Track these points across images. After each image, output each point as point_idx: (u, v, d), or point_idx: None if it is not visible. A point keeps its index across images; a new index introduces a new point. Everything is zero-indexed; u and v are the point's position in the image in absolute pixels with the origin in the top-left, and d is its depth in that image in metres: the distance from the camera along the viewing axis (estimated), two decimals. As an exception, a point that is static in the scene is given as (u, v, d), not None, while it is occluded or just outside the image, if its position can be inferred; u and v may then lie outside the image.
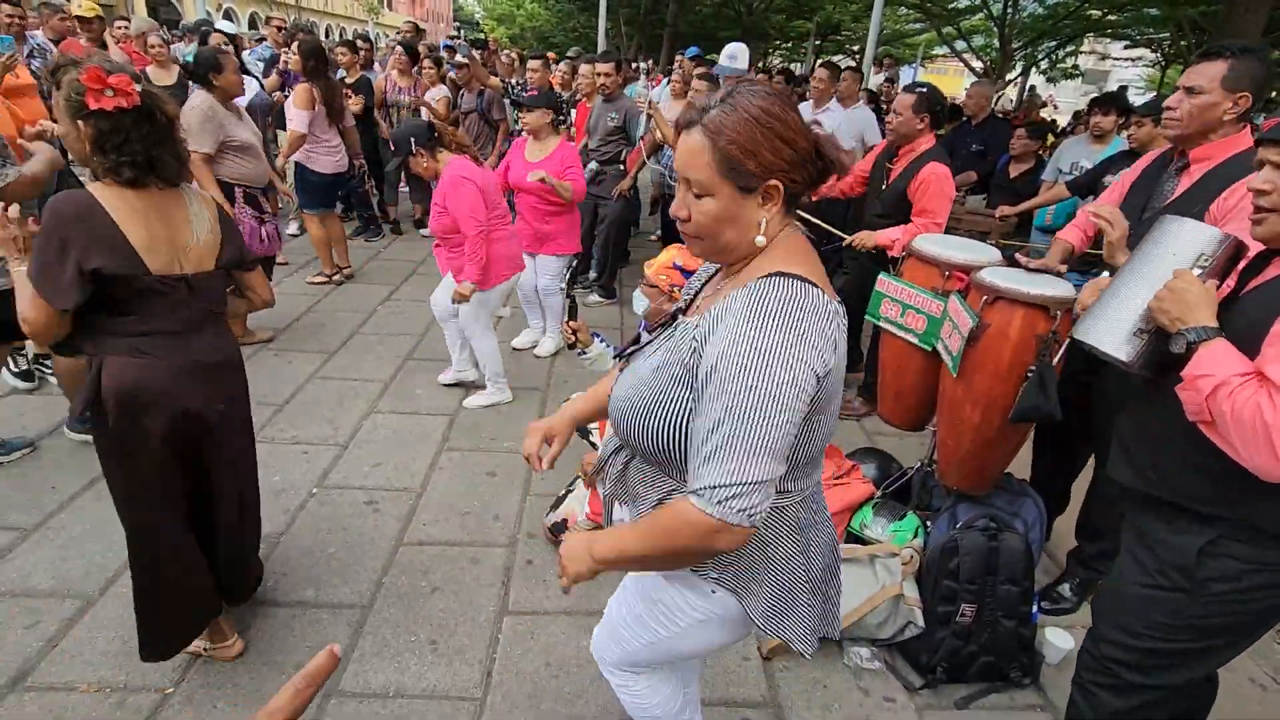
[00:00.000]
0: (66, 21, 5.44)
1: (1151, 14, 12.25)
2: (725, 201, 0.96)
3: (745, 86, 0.96)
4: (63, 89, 1.49)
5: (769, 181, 0.95)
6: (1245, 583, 1.32)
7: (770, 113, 0.93)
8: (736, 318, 0.92)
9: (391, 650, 2.05)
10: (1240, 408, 1.15)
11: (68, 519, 2.47)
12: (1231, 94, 1.85)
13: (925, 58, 21.62)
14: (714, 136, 0.93)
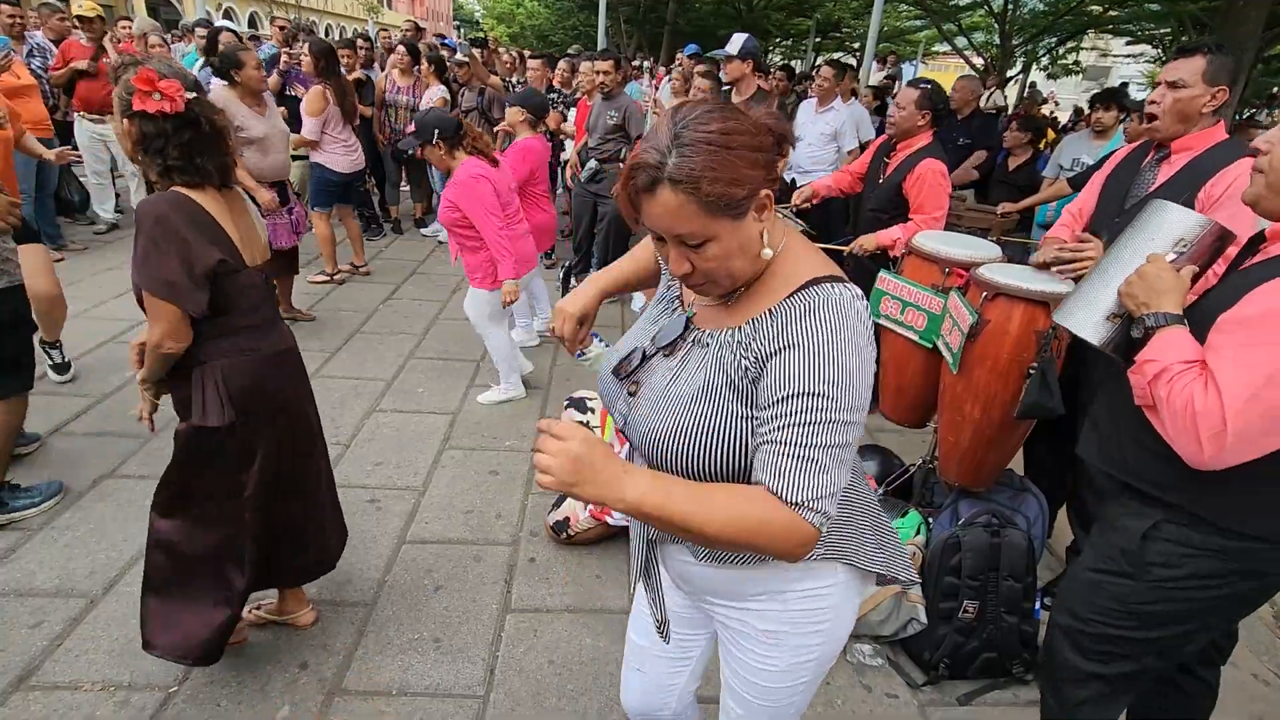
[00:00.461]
0: (66, 21, 5.44)
1: (1153, 9, 12.22)
2: (728, 238, 0.90)
3: (685, 119, 0.88)
4: (118, 87, 1.53)
5: (760, 193, 0.90)
6: (1186, 569, 1.32)
7: (728, 130, 0.86)
8: (799, 338, 0.90)
9: (395, 648, 2.05)
10: (1175, 394, 1.17)
11: (72, 519, 2.47)
12: (1211, 87, 1.92)
13: (926, 54, 21.58)
14: (692, 187, 0.85)
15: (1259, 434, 1.12)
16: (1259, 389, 1.09)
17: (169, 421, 1.80)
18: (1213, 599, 1.34)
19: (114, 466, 2.78)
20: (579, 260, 5.41)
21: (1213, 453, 1.14)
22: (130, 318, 4.16)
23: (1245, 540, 1.27)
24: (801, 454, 0.88)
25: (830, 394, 0.88)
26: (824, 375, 0.88)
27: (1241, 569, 1.30)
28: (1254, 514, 1.26)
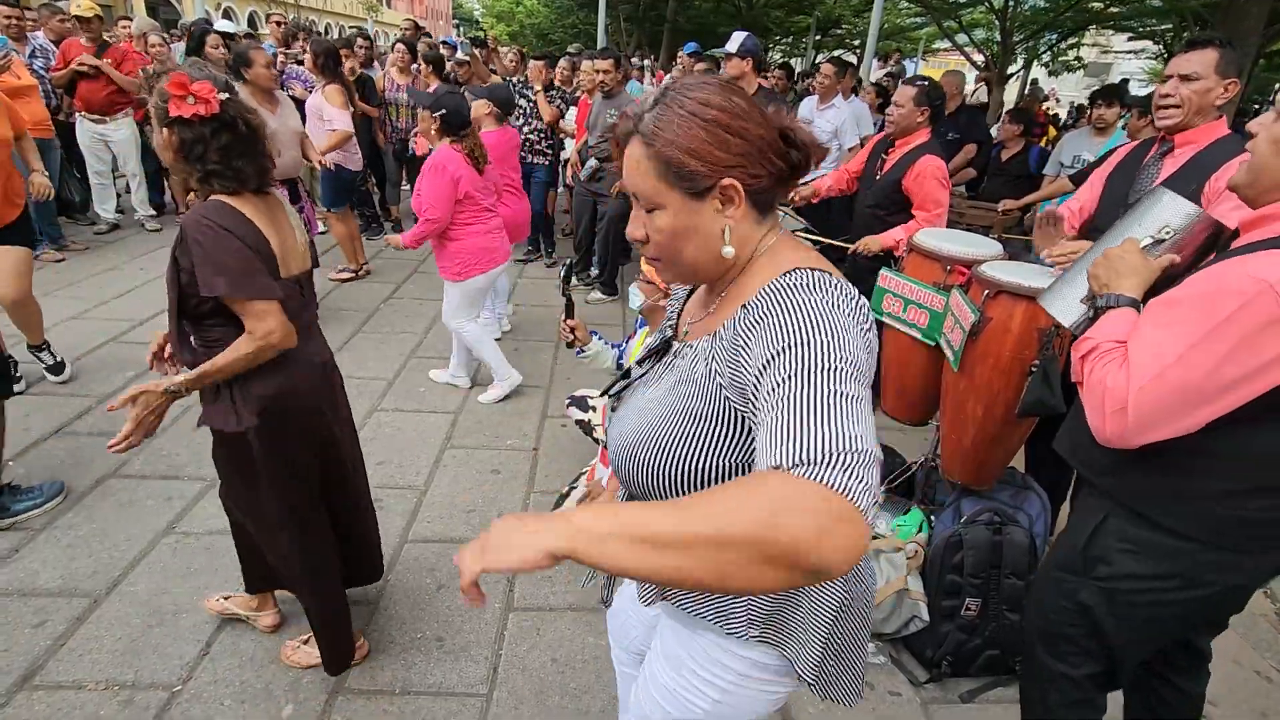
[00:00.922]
0: (66, 22, 5.44)
1: (1154, 5, 12.18)
2: (676, 211, 0.85)
3: (680, 83, 0.86)
4: (154, 97, 1.49)
5: (723, 181, 0.83)
6: (1124, 567, 1.29)
7: (709, 103, 0.82)
8: (769, 309, 0.80)
9: (398, 647, 2.06)
10: (1095, 370, 1.19)
11: (75, 518, 2.48)
12: (1223, 80, 1.92)
13: (926, 51, 21.53)
14: (649, 141, 0.83)
15: (1164, 413, 1.11)
16: (1166, 368, 1.09)
17: (169, 423, 1.79)
18: (1151, 604, 1.30)
19: (117, 466, 2.78)
20: (579, 259, 5.41)
21: (1114, 429, 1.14)
22: (131, 318, 4.16)
23: (1176, 538, 1.24)
24: (804, 406, 0.68)
25: (817, 340, 0.73)
26: (804, 325, 0.75)
27: (1176, 572, 1.25)
28: (1174, 503, 1.23)
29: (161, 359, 1.68)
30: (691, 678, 1.04)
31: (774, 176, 0.88)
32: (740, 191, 0.85)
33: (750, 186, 0.86)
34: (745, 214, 0.88)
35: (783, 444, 0.66)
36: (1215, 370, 1.06)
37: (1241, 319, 1.04)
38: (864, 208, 3.31)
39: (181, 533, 2.44)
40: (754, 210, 0.89)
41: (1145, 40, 16.46)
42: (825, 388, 0.69)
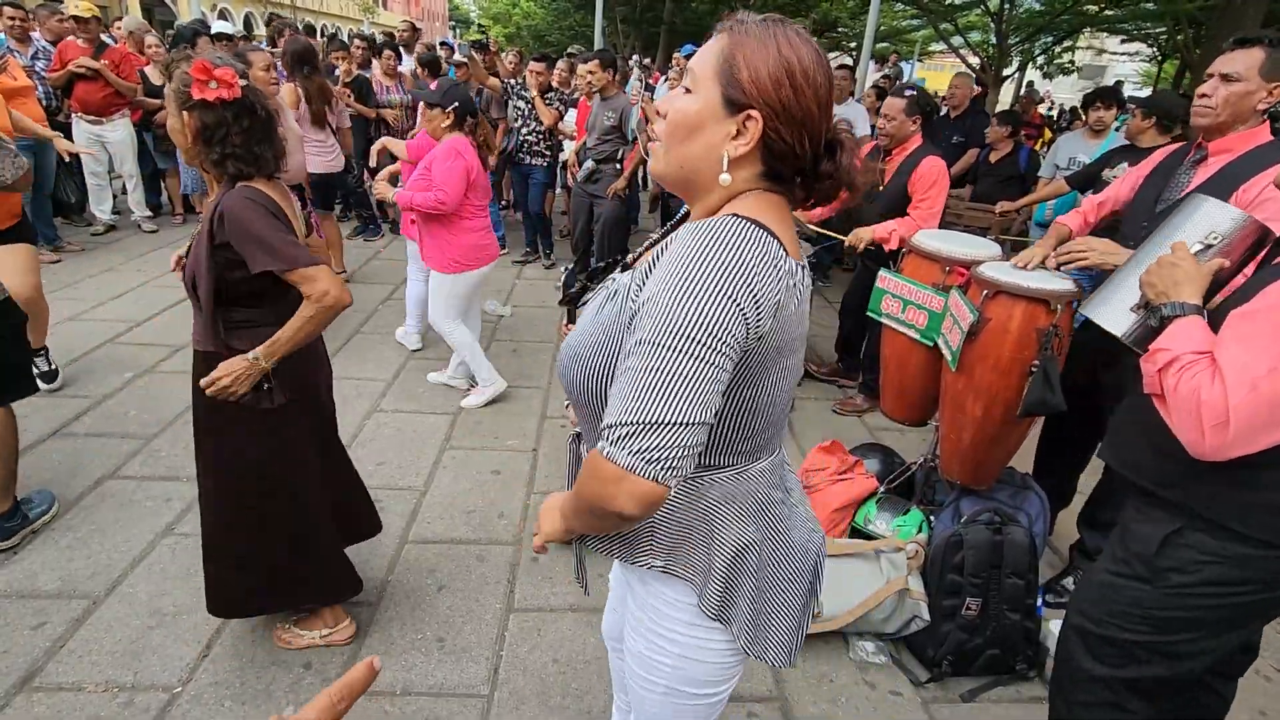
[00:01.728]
0: (64, 22, 5.43)
1: (1148, 8, 12.25)
2: (703, 103, 0.86)
3: (786, 23, 0.87)
4: (173, 82, 1.54)
5: (750, 109, 0.84)
6: (1203, 574, 1.30)
7: (795, 46, 0.84)
8: (672, 252, 0.83)
9: (399, 648, 2.05)
10: (1183, 384, 1.17)
11: (74, 520, 2.47)
12: (1268, 83, 1.81)
13: (922, 54, 21.61)
14: (732, 36, 0.86)
15: (1260, 426, 1.11)
16: (1259, 380, 1.09)
17: (167, 425, 1.79)
18: (1228, 607, 1.32)
19: (115, 467, 2.77)
20: (578, 261, 5.41)
21: (1215, 443, 1.14)
22: (129, 319, 4.15)
23: (1261, 547, 1.25)
24: (627, 376, 0.80)
25: (657, 312, 0.79)
26: (680, 281, 0.79)
27: (1257, 578, 1.28)
28: (1255, 512, 1.25)
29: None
30: (651, 636, 1.08)
31: (794, 155, 0.87)
32: (757, 131, 0.85)
33: (768, 139, 0.86)
34: (750, 160, 0.88)
35: (609, 407, 0.82)
36: None
37: None
38: (874, 216, 3.30)
39: (181, 534, 2.44)
40: (759, 167, 0.89)
41: (1139, 43, 16.56)
42: (649, 362, 0.78)
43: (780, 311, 0.85)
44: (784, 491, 1.06)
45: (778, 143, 0.86)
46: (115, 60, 5.21)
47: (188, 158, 1.65)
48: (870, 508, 2.43)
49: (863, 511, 2.44)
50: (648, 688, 1.12)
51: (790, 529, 1.06)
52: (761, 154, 0.88)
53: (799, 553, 1.06)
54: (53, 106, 5.25)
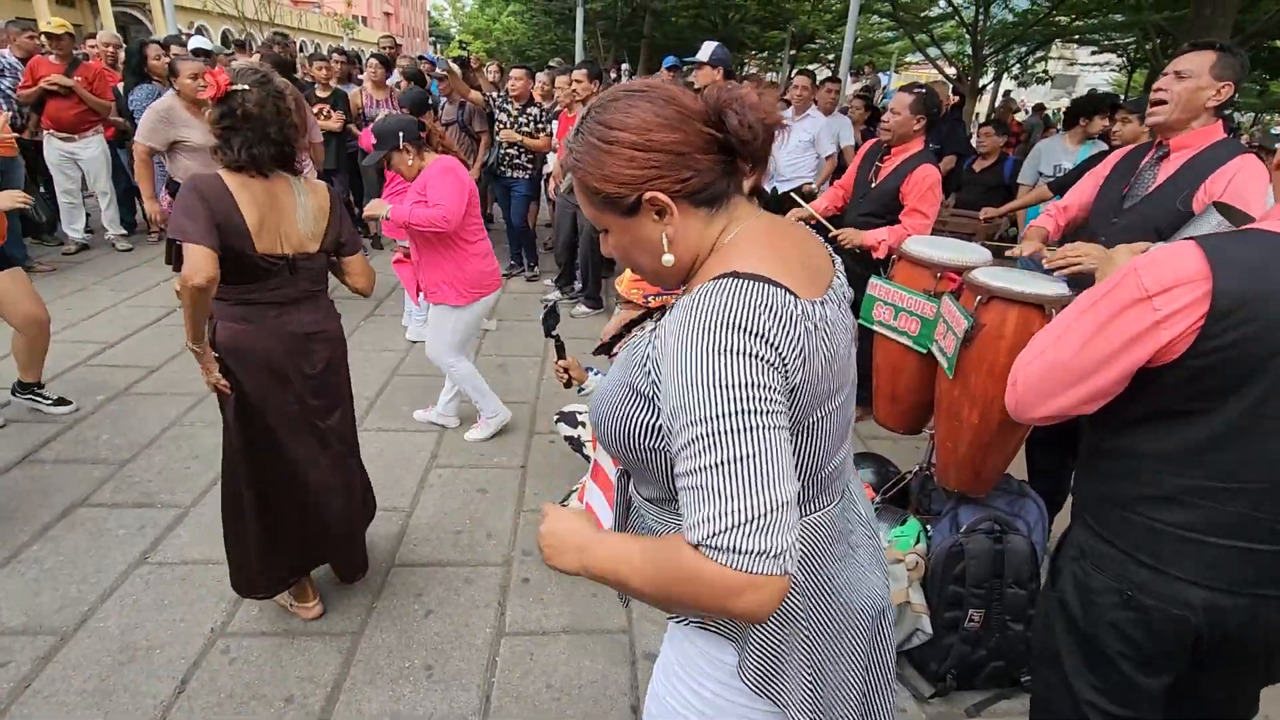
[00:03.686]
0: (35, 39, 5.33)
1: (1117, 19, 12.55)
2: (618, 230, 0.88)
3: (595, 103, 0.86)
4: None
5: (644, 194, 0.83)
6: (1069, 576, 1.21)
7: (610, 125, 0.82)
8: (675, 332, 0.79)
9: (385, 677, 1.97)
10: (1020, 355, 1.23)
11: (40, 551, 2.36)
12: (1217, 82, 1.92)
13: (899, 65, 21.95)
14: (578, 175, 0.87)
15: (1039, 388, 1.14)
16: (1047, 346, 1.13)
17: (141, 449, 1.71)
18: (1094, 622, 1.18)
19: (86, 495, 2.66)
20: (561, 273, 5.37)
21: (1010, 400, 1.21)
22: (102, 340, 4.03)
23: (1107, 545, 1.16)
24: (692, 484, 0.75)
25: (695, 400, 0.74)
26: (695, 373, 0.75)
27: (1113, 586, 1.14)
28: (1101, 506, 1.18)
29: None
30: (678, 684, 1.02)
31: (712, 171, 0.85)
32: (667, 200, 0.83)
33: (680, 191, 0.84)
34: (687, 216, 0.86)
35: (691, 519, 0.74)
36: (1081, 349, 1.08)
37: (1108, 300, 1.06)
38: (858, 215, 3.31)
39: (155, 563, 2.34)
40: (700, 208, 0.86)
41: (1109, 53, 16.95)
42: (712, 459, 0.73)
43: (809, 360, 0.79)
44: (846, 545, 0.97)
45: (687, 185, 0.84)
46: (89, 77, 5.11)
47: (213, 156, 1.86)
48: (867, 519, 2.39)
49: (860, 523, 2.39)
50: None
51: (852, 592, 0.96)
52: (690, 201, 0.86)
53: (859, 618, 0.97)
54: (17, 124, 5.14)
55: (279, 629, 2.11)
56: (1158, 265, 1.01)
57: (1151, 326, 1.00)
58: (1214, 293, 0.96)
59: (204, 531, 2.49)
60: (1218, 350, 0.98)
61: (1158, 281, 1.00)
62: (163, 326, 4.31)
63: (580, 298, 5.16)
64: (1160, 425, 1.08)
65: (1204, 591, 1.07)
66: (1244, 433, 1.01)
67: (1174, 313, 0.99)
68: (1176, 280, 0.99)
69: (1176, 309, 0.99)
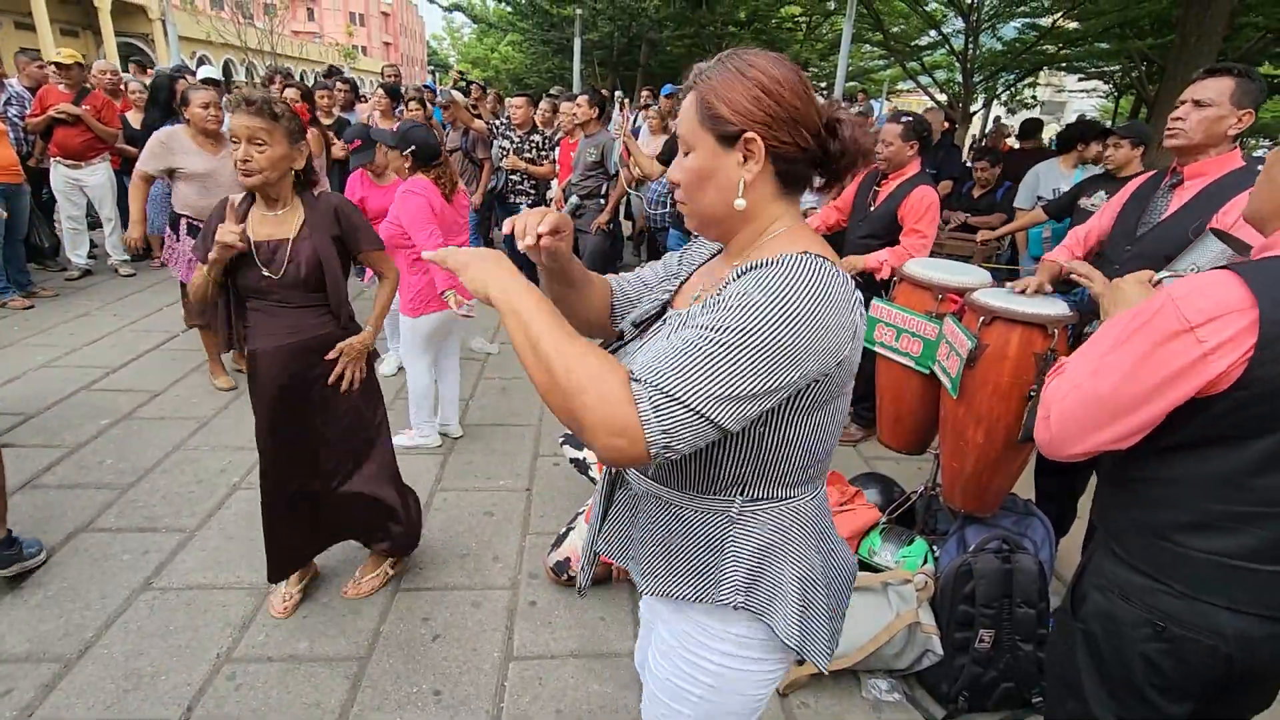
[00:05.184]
0: (44, 69, 5.41)
1: (1103, 48, 12.83)
2: (705, 154, 0.92)
3: (739, 51, 0.93)
4: None
5: (746, 133, 0.89)
6: (1098, 605, 1.19)
7: (755, 65, 0.89)
8: (759, 280, 0.84)
9: (392, 703, 1.95)
10: (1048, 383, 1.20)
11: (44, 576, 2.34)
12: (1238, 110, 1.89)
13: (890, 92, 22.32)
14: (695, 85, 0.93)
15: (1079, 424, 1.10)
16: (1083, 379, 1.10)
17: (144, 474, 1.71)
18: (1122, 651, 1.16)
19: (89, 520, 2.65)
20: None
21: (1044, 436, 1.16)
22: (104, 365, 4.04)
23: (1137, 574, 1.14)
24: (686, 347, 0.80)
25: (760, 316, 0.80)
26: (765, 299, 0.81)
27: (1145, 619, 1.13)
28: (1133, 534, 1.16)
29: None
30: (681, 663, 1.07)
31: (804, 152, 0.92)
32: (760, 149, 0.90)
33: (774, 149, 0.90)
34: (765, 177, 0.93)
35: (648, 359, 0.81)
36: (1121, 383, 1.05)
37: (1145, 334, 1.03)
38: (856, 238, 3.36)
39: (159, 589, 2.32)
40: (776, 181, 0.94)
41: (1096, 80, 17.29)
42: (714, 347, 0.79)
43: (855, 341, 0.89)
44: (829, 517, 1.10)
45: (783, 148, 0.90)
46: (97, 106, 5.18)
47: None
48: (874, 539, 2.39)
49: (866, 543, 2.40)
50: (672, 714, 1.11)
51: (841, 545, 1.11)
52: (774, 169, 0.93)
53: (849, 569, 1.13)
54: (24, 152, 5.19)
55: (285, 654, 2.09)
56: (1197, 295, 0.99)
57: (1199, 359, 0.98)
58: (1261, 320, 0.95)
59: (208, 556, 2.48)
60: (1269, 378, 0.96)
61: (1200, 312, 0.98)
62: (165, 351, 4.32)
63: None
64: (1201, 452, 1.06)
65: (1237, 618, 1.06)
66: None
67: (1221, 344, 0.97)
68: (1220, 310, 0.97)
69: (1224, 340, 0.96)
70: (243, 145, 1.85)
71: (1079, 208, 3.55)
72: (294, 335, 2.02)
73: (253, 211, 2.01)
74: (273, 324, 2.02)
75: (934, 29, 13.92)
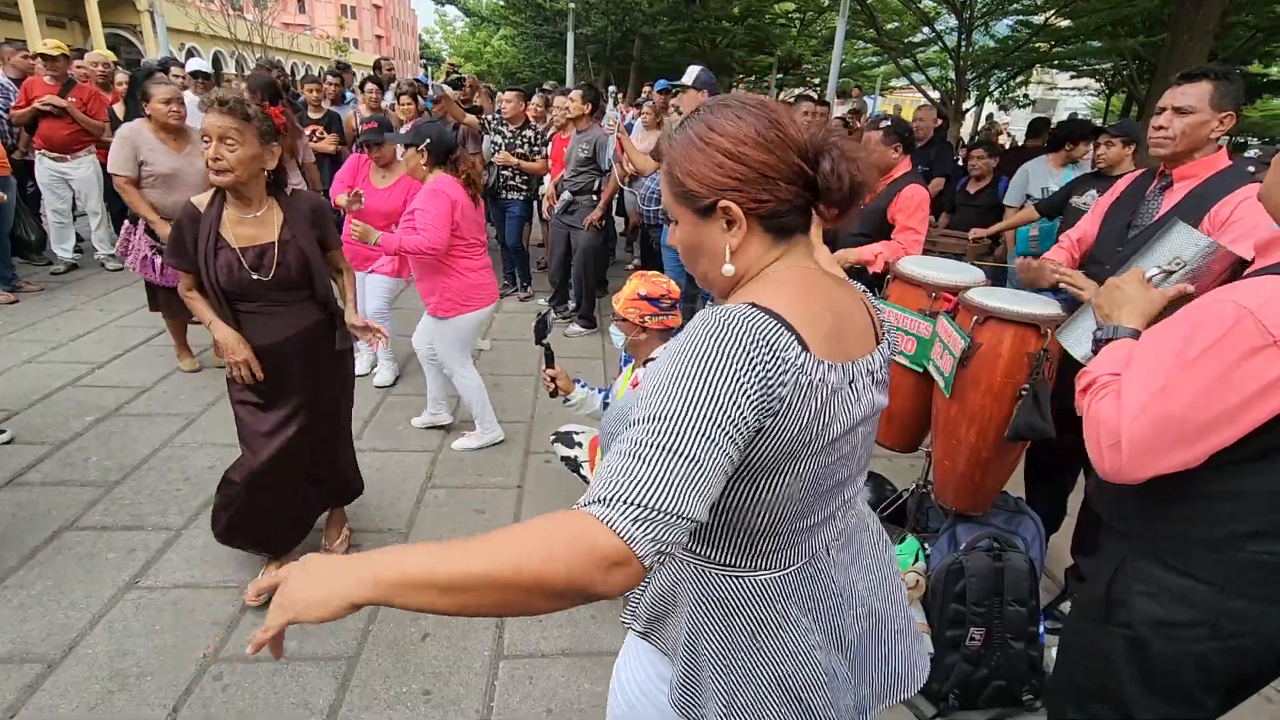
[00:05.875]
0: (30, 60, 5.33)
1: (1094, 46, 12.90)
2: (687, 227, 0.92)
3: (709, 106, 0.90)
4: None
5: (720, 202, 0.87)
6: (1148, 613, 1.19)
7: (715, 128, 0.86)
8: (678, 339, 0.82)
9: (381, 703, 1.94)
10: (1093, 405, 1.15)
11: (27, 576, 2.31)
12: (1218, 113, 1.89)
13: (884, 89, 22.37)
14: (668, 162, 0.92)
15: (1155, 446, 1.06)
16: (1151, 400, 1.05)
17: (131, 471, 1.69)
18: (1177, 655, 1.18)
19: (74, 518, 2.62)
20: (555, 293, 5.39)
21: (1111, 464, 1.10)
22: (91, 360, 3.99)
23: (1194, 581, 1.15)
24: (626, 451, 0.73)
25: (676, 387, 0.75)
26: (677, 366, 0.77)
27: (1201, 620, 1.15)
28: (1187, 544, 1.16)
29: None
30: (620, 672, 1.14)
31: (788, 203, 0.88)
32: (738, 214, 0.87)
33: (755, 210, 0.87)
34: (754, 236, 0.90)
35: (603, 475, 0.71)
36: (1199, 403, 1.01)
37: (1221, 349, 0.99)
38: (849, 235, 3.36)
39: (145, 588, 2.30)
40: (767, 234, 0.90)
41: (1088, 78, 17.38)
42: (649, 439, 0.72)
43: (788, 410, 0.79)
44: (809, 620, 0.96)
45: (762, 206, 0.87)
46: (83, 98, 5.11)
47: None
48: (866, 537, 2.39)
49: (858, 541, 2.39)
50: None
51: (801, 665, 0.95)
52: (761, 224, 0.90)
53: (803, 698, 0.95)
54: (9, 144, 5.12)
55: (273, 654, 2.07)
56: (1276, 305, 0.96)
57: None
58: None
59: (196, 555, 2.45)
60: None
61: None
62: (153, 347, 4.27)
63: (574, 317, 5.17)
64: (1268, 462, 1.04)
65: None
66: None
67: None
68: None
69: None
70: (214, 144, 1.87)
71: (1070, 206, 3.56)
72: (291, 329, 2.12)
73: (228, 214, 2.00)
74: (272, 322, 2.09)
75: (927, 26, 13.94)
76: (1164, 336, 1.10)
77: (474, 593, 0.66)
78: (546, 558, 0.66)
